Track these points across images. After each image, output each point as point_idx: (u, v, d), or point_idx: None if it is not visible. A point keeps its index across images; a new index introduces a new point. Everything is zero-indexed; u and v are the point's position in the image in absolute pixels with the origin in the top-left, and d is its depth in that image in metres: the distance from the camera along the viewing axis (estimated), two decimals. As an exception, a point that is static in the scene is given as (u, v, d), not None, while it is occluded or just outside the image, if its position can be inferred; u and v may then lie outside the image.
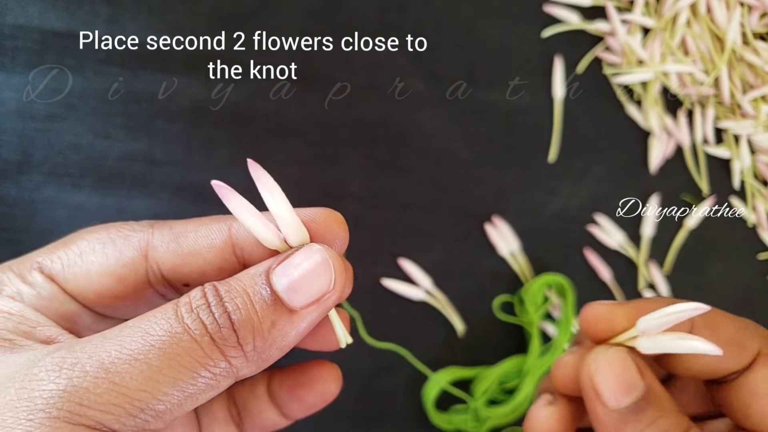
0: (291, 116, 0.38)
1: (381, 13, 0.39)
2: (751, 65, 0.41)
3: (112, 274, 0.21)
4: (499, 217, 0.39)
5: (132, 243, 0.21)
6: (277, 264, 0.19)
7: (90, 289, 0.21)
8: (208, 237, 0.21)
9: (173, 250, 0.21)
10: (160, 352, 0.17)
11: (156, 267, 0.21)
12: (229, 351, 0.17)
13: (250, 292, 0.18)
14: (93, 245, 0.21)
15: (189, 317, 0.17)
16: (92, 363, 0.16)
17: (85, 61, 0.36)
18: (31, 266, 0.21)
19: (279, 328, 0.18)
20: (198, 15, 0.37)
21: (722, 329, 0.23)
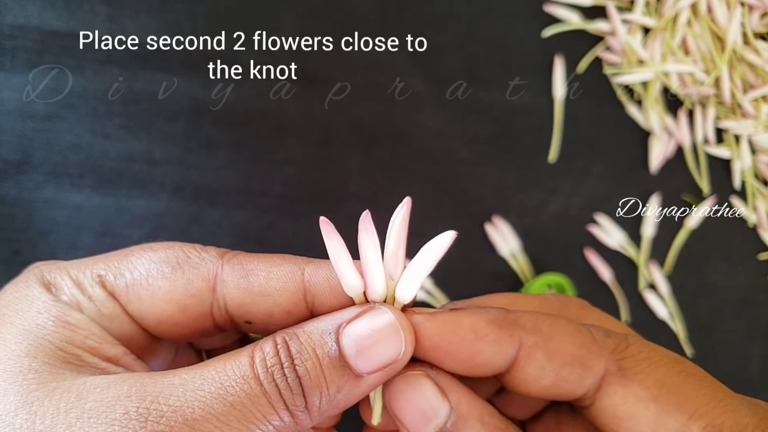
0: (291, 116, 0.38)
1: (381, 13, 0.39)
2: (752, 65, 0.41)
3: (178, 303, 0.21)
4: (500, 217, 0.39)
5: (201, 273, 0.21)
6: (349, 322, 0.19)
7: (152, 315, 0.21)
8: (281, 279, 0.21)
9: (243, 287, 0.21)
10: (240, 415, 0.17)
11: (222, 302, 0.21)
12: (297, 413, 0.18)
13: (319, 354, 0.18)
14: (161, 268, 0.21)
15: (265, 379, 0.18)
16: (176, 418, 0.17)
17: (85, 61, 0.36)
18: (92, 277, 0.20)
19: (345, 392, 0.19)
20: (198, 15, 0.37)
21: (559, 349, 0.20)
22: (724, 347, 0.41)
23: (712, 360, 0.41)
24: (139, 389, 0.17)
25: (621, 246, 0.40)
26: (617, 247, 0.40)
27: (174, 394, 0.17)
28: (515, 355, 0.20)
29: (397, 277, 0.20)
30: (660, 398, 0.19)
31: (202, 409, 0.17)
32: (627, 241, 0.40)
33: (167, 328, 0.21)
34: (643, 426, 0.19)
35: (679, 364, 0.20)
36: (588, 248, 0.40)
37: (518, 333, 0.20)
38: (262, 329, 0.22)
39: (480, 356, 0.20)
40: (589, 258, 0.40)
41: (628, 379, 0.19)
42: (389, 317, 0.19)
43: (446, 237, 0.20)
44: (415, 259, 0.20)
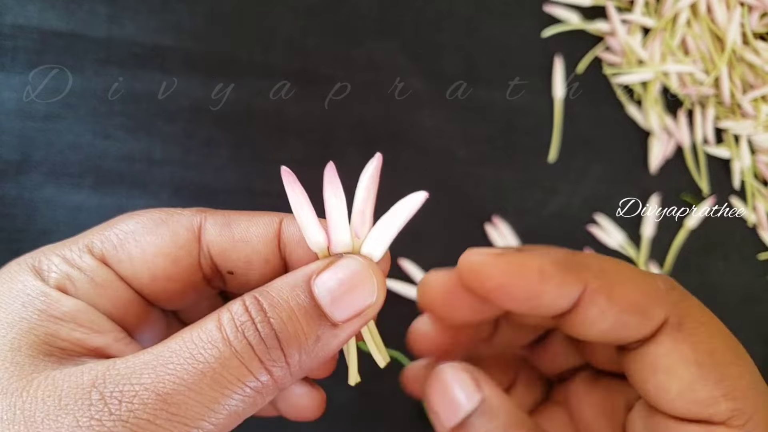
0: (291, 116, 0.38)
1: (381, 13, 0.39)
2: (751, 65, 0.41)
3: (168, 255, 0.21)
4: (499, 217, 0.39)
5: (185, 224, 0.21)
6: (318, 273, 0.19)
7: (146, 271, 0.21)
8: (259, 227, 0.21)
9: (225, 234, 0.21)
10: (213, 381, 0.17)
11: (207, 249, 0.21)
12: (275, 369, 0.18)
13: (294, 305, 0.18)
14: (146, 224, 0.21)
15: (235, 339, 0.17)
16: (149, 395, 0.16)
17: (84, 61, 0.36)
18: (80, 249, 0.20)
19: (323, 341, 0.18)
20: (198, 15, 0.37)
21: (623, 294, 0.20)
22: (724, 347, 0.41)
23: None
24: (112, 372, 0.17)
25: (621, 246, 0.40)
26: (617, 247, 0.40)
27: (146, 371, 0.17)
28: (578, 298, 0.20)
29: (364, 236, 0.20)
30: (704, 365, 0.19)
31: (172, 382, 0.17)
32: (627, 241, 0.40)
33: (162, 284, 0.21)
34: (676, 383, 0.19)
35: (732, 342, 0.20)
36: (588, 248, 0.40)
37: (584, 275, 0.20)
38: (243, 283, 0.22)
39: (544, 297, 0.20)
40: (589, 258, 0.40)
41: (683, 336, 0.19)
42: (360, 263, 0.19)
43: (417, 197, 0.20)
44: (384, 217, 0.20)
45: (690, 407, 0.19)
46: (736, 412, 0.19)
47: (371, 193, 0.20)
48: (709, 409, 0.19)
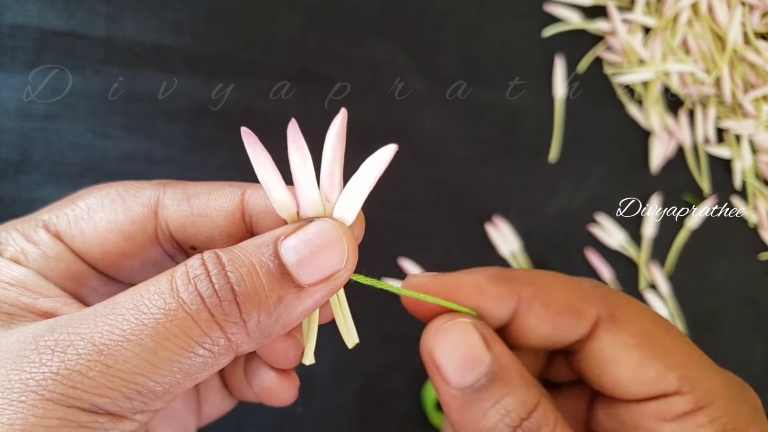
0: (291, 116, 0.38)
1: (381, 13, 0.39)
2: (753, 65, 0.41)
3: (120, 231, 0.20)
4: (500, 217, 0.39)
5: (142, 199, 0.21)
6: (287, 235, 0.18)
7: (97, 247, 0.20)
8: (219, 200, 0.20)
9: (183, 209, 0.20)
10: (154, 332, 0.16)
11: (165, 225, 0.21)
12: (230, 327, 0.16)
13: (256, 262, 0.17)
14: (102, 201, 0.21)
15: (185, 290, 0.16)
16: (84, 345, 0.15)
17: (84, 61, 0.36)
18: (36, 224, 0.20)
19: (286, 303, 0.17)
20: (198, 15, 0.37)
21: (555, 299, 0.21)
22: (725, 347, 0.41)
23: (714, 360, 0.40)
24: (52, 324, 0.16)
25: (621, 246, 0.40)
26: (618, 247, 0.40)
27: (85, 322, 0.16)
28: (516, 307, 0.21)
29: (335, 199, 0.19)
30: (643, 346, 0.20)
31: (110, 332, 0.16)
32: (627, 241, 0.40)
33: (116, 260, 0.21)
34: (624, 369, 0.20)
35: (659, 319, 0.21)
36: (588, 248, 0.40)
37: (516, 286, 0.21)
38: None
39: (483, 311, 0.21)
40: (590, 258, 0.40)
41: (618, 326, 0.20)
42: (330, 224, 0.18)
43: (387, 150, 0.18)
44: (354, 177, 0.19)
45: (643, 387, 0.20)
46: (682, 379, 0.20)
47: (338, 153, 0.19)
48: (659, 384, 0.20)
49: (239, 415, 0.36)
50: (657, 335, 0.20)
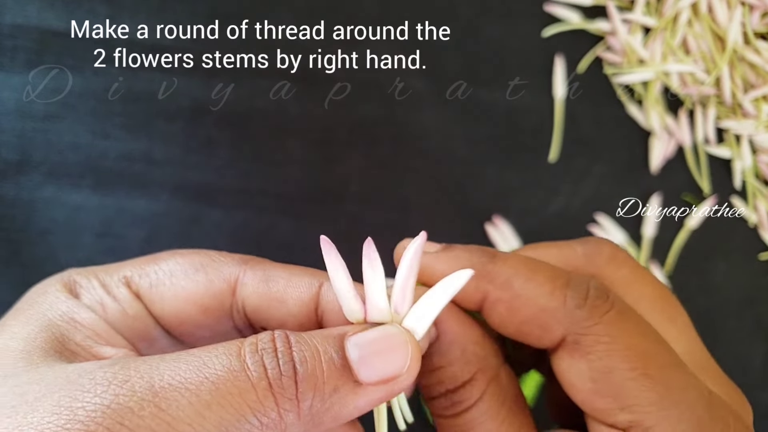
0: (291, 116, 0.38)
1: (381, 12, 0.39)
2: (753, 65, 0.41)
3: (199, 304, 0.21)
4: (500, 217, 0.39)
5: (223, 274, 0.21)
6: (354, 332, 0.18)
7: (174, 314, 0.21)
8: (298, 288, 0.21)
9: (262, 291, 0.21)
10: (213, 387, 0.16)
11: (241, 304, 0.21)
12: (284, 403, 0.17)
13: (321, 349, 0.17)
14: (185, 269, 0.21)
15: (251, 357, 0.17)
16: (142, 384, 0.16)
17: (84, 61, 0.36)
18: (118, 279, 0.21)
19: (340, 395, 0.18)
20: (198, 14, 0.37)
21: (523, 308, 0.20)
22: (725, 347, 0.41)
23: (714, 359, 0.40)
24: (115, 360, 0.17)
25: (621, 246, 0.40)
26: (618, 247, 0.40)
27: (148, 363, 0.16)
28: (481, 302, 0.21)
29: (404, 313, 0.19)
30: (598, 381, 0.20)
31: (171, 377, 0.16)
32: (627, 241, 0.40)
33: (189, 329, 0.21)
34: (576, 393, 0.20)
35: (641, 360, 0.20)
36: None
37: (484, 286, 0.21)
38: None
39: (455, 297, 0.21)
40: (590, 258, 0.40)
41: (579, 354, 0.20)
42: (398, 328, 0.19)
43: (462, 275, 0.19)
44: (428, 294, 0.19)
45: (594, 414, 0.20)
46: (634, 423, 0.19)
47: (413, 271, 0.19)
48: (609, 419, 0.20)
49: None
50: (623, 377, 0.19)
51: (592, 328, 0.20)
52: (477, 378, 0.21)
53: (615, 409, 0.20)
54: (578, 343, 0.20)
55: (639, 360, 0.20)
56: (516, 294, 0.20)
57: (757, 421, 0.25)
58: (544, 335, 0.20)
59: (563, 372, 0.21)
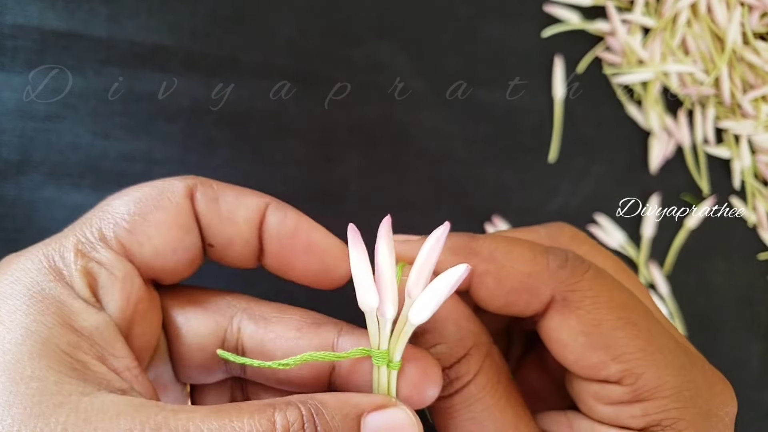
0: (291, 116, 0.38)
1: (381, 13, 0.39)
2: (752, 65, 0.41)
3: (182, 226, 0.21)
4: (500, 217, 0.39)
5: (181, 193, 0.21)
6: (369, 413, 0.19)
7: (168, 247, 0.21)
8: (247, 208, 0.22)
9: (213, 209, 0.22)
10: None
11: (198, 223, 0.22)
12: None
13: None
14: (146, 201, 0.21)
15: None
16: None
17: (85, 61, 0.36)
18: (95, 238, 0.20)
19: None
20: (198, 15, 0.37)
21: (509, 277, 0.21)
22: (724, 346, 0.41)
23: (712, 359, 0.40)
24: (154, 426, 0.17)
25: (621, 246, 0.40)
26: (617, 247, 0.40)
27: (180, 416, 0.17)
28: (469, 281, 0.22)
29: (415, 296, 0.20)
30: (590, 334, 0.21)
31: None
32: (627, 241, 0.40)
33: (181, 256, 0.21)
34: (568, 352, 0.21)
35: (625, 311, 0.21)
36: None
37: (471, 260, 0.22)
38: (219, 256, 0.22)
39: None
40: (589, 258, 0.40)
41: (568, 311, 0.21)
42: (410, 419, 0.20)
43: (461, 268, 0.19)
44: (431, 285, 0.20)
45: (586, 371, 0.21)
46: (626, 372, 0.20)
47: (433, 257, 0.20)
48: (601, 372, 0.21)
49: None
50: (611, 326, 0.21)
51: (577, 284, 0.21)
52: (472, 353, 0.21)
53: (607, 360, 0.21)
54: (567, 300, 0.21)
55: (623, 310, 0.21)
56: (501, 264, 0.22)
57: (756, 421, 0.25)
58: (532, 299, 0.21)
59: (554, 332, 0.21)
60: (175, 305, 0.22)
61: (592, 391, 0.21)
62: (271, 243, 0.22)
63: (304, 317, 0.22)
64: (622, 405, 0.21)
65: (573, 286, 0.21)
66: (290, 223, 0.22)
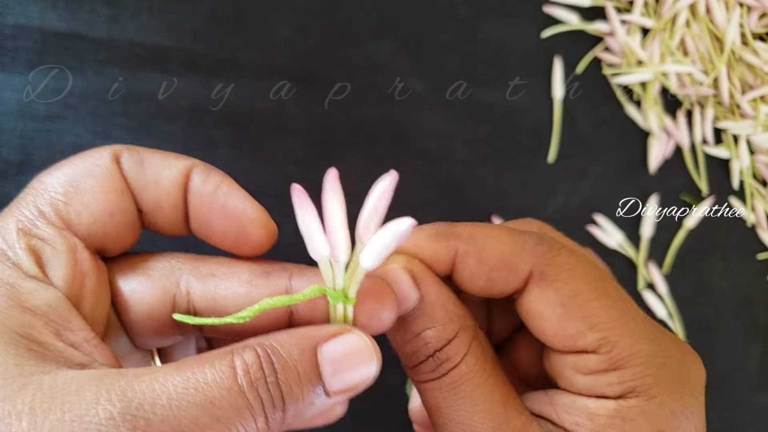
0: (291, 116, 0.38)
1: (381, 13, 0.39)
2: (750, 65, 0.41)
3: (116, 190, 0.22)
4: (499, 217, 0.39)
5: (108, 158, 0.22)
6: (325, 343, 0.20)
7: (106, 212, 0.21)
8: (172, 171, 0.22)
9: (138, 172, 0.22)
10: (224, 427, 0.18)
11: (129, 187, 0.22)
12: (274, 424, 0.19)
13: (300, 371, 0.19)
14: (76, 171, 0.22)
15: (250, 393, 0.18)
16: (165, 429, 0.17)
17: (85, 61, 0.36)
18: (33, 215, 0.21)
19: (315, 406, 0.20)
20: (198, 15, 0.37)
21: (490, 255, 0.22)
22: (723, 347, 0.41)
23: (711, 359, 0.40)
24: (119, 392, 0.17)
25: (620, 246, 0.40)
26: (616, 247, 0.40)
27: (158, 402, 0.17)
28: (452, 262, 0.23)
29: (366, 242, 0.21)
30: (568, 305, 0.22)
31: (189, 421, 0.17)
32: (626, 241, 0.40)
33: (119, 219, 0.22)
34: (547, 325, 0.22)
35: (600, 283, 0.22)
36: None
37: (453, 243, 0.23)
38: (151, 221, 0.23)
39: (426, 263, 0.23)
40: (588, 258, 0.40)
41: (546, 283, 0.22)
42: (365, 343, 0.20)
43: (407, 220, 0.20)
44: (379, 233, 0.20)
45: (564, 342, 0.22)
46: (602, 341, 0.21)
47: (382, 203, 0.21)
48: (579, 342, 0.22)
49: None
50: (588, 297, 0.22)
51: (554, 258, 0.22)
52: (460, 335, 0.22)
53: (585, 330, 0.22)
54: (544, 273, 0.22)
55: (598, 282, 0.22)
56: (481, 246, 0.23)
57: (755, 421, 0.25)
58: (511, 276, 0.22)
59: (533, 305, 0.22)
60: (120, 276, 0.22)
61: (570, 362, 0.22)
62: (193, 204, 0.22)
63: (253, 267, 0.23)
64: (599, 374, 0.22)
65: (550, 260, 0.22)
66: (211, 184, 0.22)
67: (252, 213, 0.23)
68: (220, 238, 0.23)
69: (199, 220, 0.23)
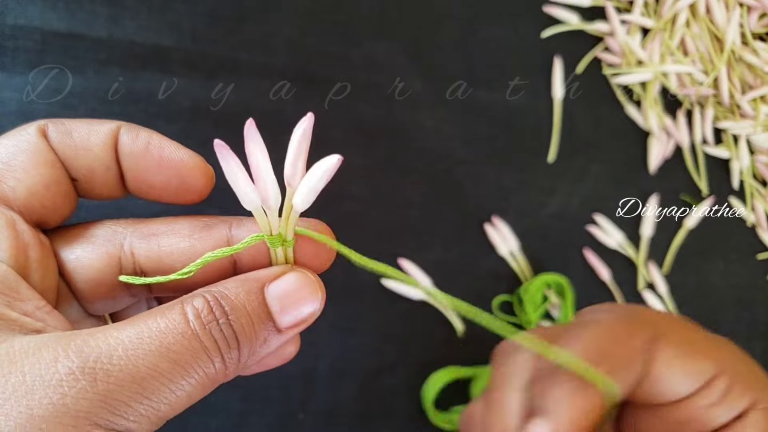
0: (291, 116, 0.38)
1: (381, 13, 0.39)
2: (750, 65, 0.41)
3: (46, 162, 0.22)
4: (499, 217, 0.39)
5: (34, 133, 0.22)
6: (271, 282, 0.21)
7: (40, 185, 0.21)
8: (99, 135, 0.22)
9: (67, 142, 0.22)
10: (183, 370, 0.19)
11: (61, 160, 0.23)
12: (230, 364, 0.20)
13: (250, 311, 0.20)
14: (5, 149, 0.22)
15: (203, 334, 0.19)
16: (124, 377, 0.18)
17: (85, 61, 0.36)
18: None
19: (269, 343, 0.21)
20: (198, 15, 0.37)
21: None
22: (723, 347, 0.41)
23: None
24: (76, 348, 0.18)
25: (620, 246, 0.40)
26: (616, 247, 0.40)
27: (115, 353, 0.18)
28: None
29: (295, 186, 0.21)
30: (684, 349, 0.24)
31: (147, 368, 0.18)
32: (626, 241, 0.40)
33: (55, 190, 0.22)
34: (680, 378, 0.24)
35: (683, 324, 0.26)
36: (587, 248, 0.40)
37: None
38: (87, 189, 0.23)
39: None
40: (588, 258, 0.40)
41: (663, 342, 0.24)
42: (309, 279, 0.22)
43: (334, 157, 0.21)
44: (309, 172, 0.21)
45: (694, 380, 0.24)
46: (717, 363, 0.25)
47: (303, 146, 0.22)
48: (704, 375, 0.24)
49: (239, 414, 0.36)
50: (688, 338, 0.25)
51: (662, 320, 0.27)
52: None
53: (703, 360, 0.25)
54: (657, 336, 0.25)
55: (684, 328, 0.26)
56: None
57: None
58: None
59: (660, 365, 0.24)
60: (64, 246, 0.23)
61: (702, 404, 0.24)
62: (127, 164, 0.23)
63: (193, 222, 0.23)
64: (727, 398, 0.24)
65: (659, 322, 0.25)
66: (141, 141, 0.23)
67: (189, 161, 0.23)
68: (160, 191, 0.23)
69: (136, 178, 0.23)
